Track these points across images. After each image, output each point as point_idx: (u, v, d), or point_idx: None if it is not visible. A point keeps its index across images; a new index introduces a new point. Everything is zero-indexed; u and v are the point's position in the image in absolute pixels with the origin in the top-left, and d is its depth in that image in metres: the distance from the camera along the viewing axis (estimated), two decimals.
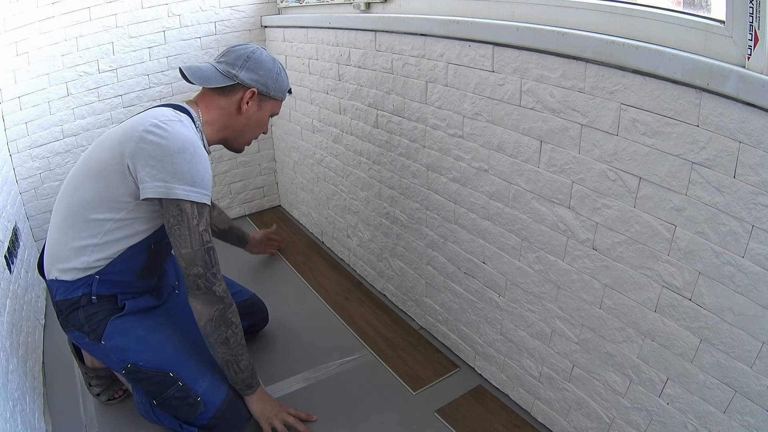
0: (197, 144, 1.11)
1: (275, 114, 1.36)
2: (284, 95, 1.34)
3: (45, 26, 1.81)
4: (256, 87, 1.26)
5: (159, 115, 1.12)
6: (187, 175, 1.07)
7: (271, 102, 1.31)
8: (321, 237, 2.25)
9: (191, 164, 1.08)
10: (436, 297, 1.58)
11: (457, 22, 1.21)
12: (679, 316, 0.91)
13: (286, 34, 2.09)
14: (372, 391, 1.42)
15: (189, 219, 1.09)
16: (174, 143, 1.07)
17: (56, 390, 1.44)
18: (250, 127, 1.31)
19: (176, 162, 1.06)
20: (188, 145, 1.08)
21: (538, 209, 1.14)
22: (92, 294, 1.16)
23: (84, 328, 1.18)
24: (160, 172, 1.06)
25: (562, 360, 1.19)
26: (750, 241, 0.77)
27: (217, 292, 1.13)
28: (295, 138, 2.25)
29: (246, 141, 1.35)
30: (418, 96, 1.42)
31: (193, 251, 1.10)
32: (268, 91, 1.28)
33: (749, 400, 0.82)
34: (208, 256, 1.12)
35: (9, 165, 1.86)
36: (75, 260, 1.15)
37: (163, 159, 1.06)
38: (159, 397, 1.19)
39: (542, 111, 1.07)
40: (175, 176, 1.06)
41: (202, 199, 1.10)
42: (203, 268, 1.11)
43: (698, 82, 0.78)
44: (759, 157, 0.74)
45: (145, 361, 1.17)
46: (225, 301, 1.15)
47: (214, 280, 1.13)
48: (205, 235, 1.11)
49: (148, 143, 1.07)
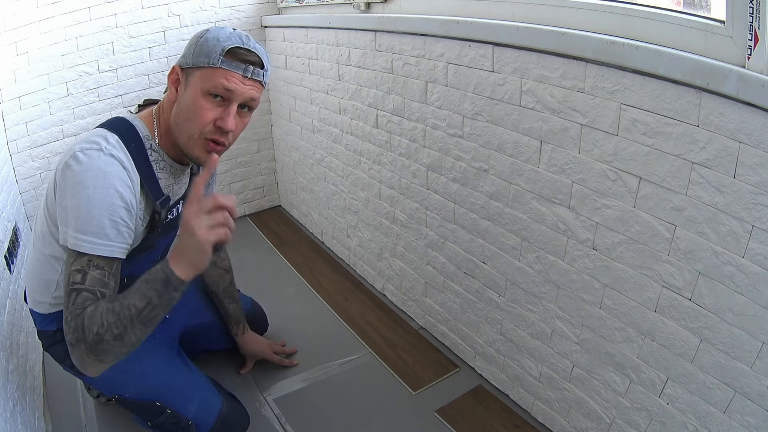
0: (103, 180, 0.90)
1: (217, 87, 0.95)
2: (211, 58, 0.95)
3: (45, 26, 1.81)
4: (178, 62, 1.00)
5: (85, 141, 0.94)
6: (78, 221, 0.89)
7: (197, 73, 0.96)
8: (321, 237, 2.25)
9: (86, 207, 0.89)
10: (436, 297, 1.58)
11: (457, 22, 1.21)
12: (679, 316, 0.91)
13: (286, 34, 2.09)
14: (372, 391, 1.42)
15: (68, 258, 0.92)
16: (77, 180, 0.90)
17: (56, 390, 1.44)
18: (181, 115, 0.99)
19: (73, 205, 0.90)
20: (89, 183, 0.89)
21: (538, 209, 1.14)
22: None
23: (66, 362, 1.14)
24: (63, 212, 0.91)
25: (562, 360, 1.19)
26: (750, 241, 0.77)
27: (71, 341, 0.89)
28: (295, 138, 2.25)
29: (185, 140, 1.00)
30: (418, 96, 1.42)
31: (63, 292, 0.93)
32: (187, 62, 0.97)
33: (749, 400, 0.82)
34: (68, 297, 0.90)
35: (9, 165, 1.86)
36: (45, 293, 1.07)
37: (65, 198, 0.91)
38: (152, 422, 1.19)
39: (542, 111, 1.07)
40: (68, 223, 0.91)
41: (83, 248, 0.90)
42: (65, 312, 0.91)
43: (698, 82, 0.78)
44: (759, 157, 0.74)
45: (130, 392, 1.15)
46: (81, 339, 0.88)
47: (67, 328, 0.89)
48: (74, 275, 0.90)
49: (64, 178, 0.91)
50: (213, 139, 1.00)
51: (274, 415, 1.35)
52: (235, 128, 1.00)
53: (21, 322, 1.41)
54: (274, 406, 1.38)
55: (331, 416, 1.34)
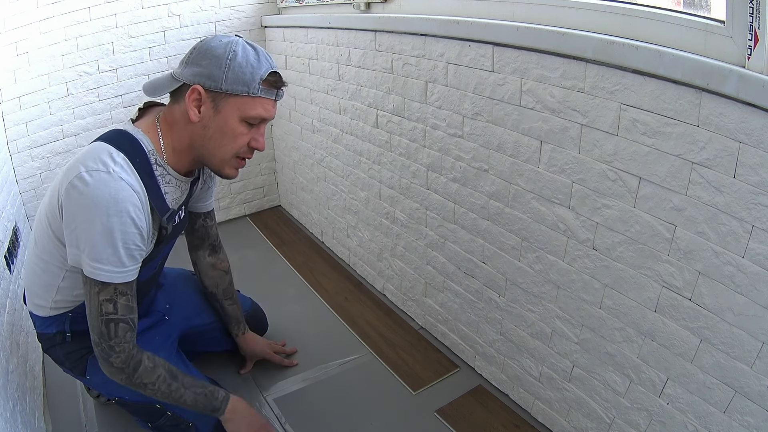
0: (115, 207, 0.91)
1: (254, 118, 0.99)
2: (251, 87, 0.96)
3: (45, 26, 1.81)
4: (200, 82, 0.96)
5: (89, 159, 0.92)
6: (93, 249, 0.91)
7: (233, 100, 0.96)
8: (321, 237, 2.25)
9: (95, 236, 0.91)
10: (436, 297, 1.58)
11: (457, 22, 1.21)
12: (679, 316, 0.91)
13: (286, 34, 2.09)
14: (372, 391, 1.42)
15: (91, 287, 0.96)
16: (88, 207, 0.90)
17: (56, 390, 1.44)
18: (212, 139, 1.00)
19: (85, 231, 0.91)
20: (101, 211, 0.90)
21: (538, 209, 1.14)
22: (66, 332, 1.11)
23: (65, 364, 1.15)
24: (72, 235, 0.93)
25: (562, 360, 1.19)
26: (750, 241, 0.77)
27: (114, 363, 0.99)
28: (295, 138, 2.25)
29: (218, 161, 1.03)
30: (418, 96, 1.42)
31: (90, 318, 0.98)
32: (218, 86, 0.95)
33: (749, 400, 0.82)
34: (106, 327, 0.97)
35: (9, 165, 1.86)
36: (46, 297, 1.07)
37: (75, 222, 0.92)
38: (153, 424, 1.19)
39: (542, 111, 1.07)
40: (80, 248, 0.93)
41: (99, 276, 0.94)
42: (99, 337, 0.98)
43: (698, 82, 0.78)
44: (759, 157, 0.74)
45: (130, 395, 1.13)
46: (126, 371, 1.01)
47: (111, 352, 0.98)
48: (106, 306, 0.96)
49: (70, 200, 0.91)
50: (243, 157, 1.05)
51: (274, 415, 1.35)
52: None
53: (21, 322, 1.41)
54: (274, 406, 1.38)
55: (331, 416, 1.34)
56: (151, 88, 1.02)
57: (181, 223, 1.18)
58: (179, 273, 1.48)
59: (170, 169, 1.04)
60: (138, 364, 1.02)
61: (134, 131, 1.00)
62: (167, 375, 1.07)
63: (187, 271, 1.50)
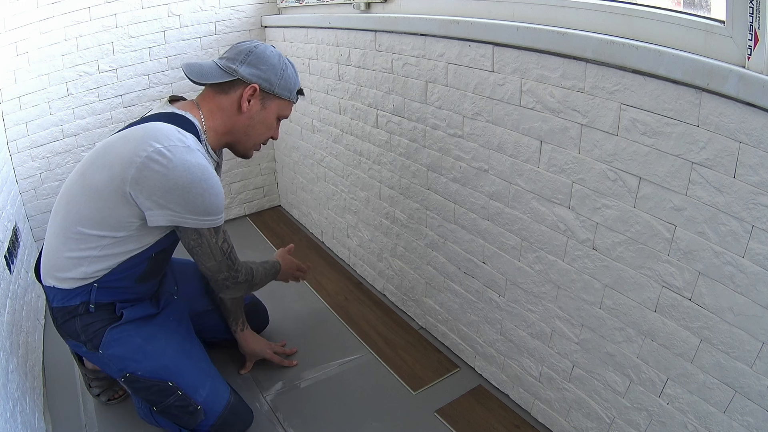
0: (206, 172, 1.07)
1: (284, 117, 1.26)
2: (292, 95, 1.23)
3: (45, 26, 1.81)
4: (258, 83, 1.16)
5: (162, 137, 1.05)
6: (200, 207, 1.07)
7: (277, 101, 1.21)
8: (321, 237, 2.25)
9: (203, 197, 1.07)
10: (436, 297, 1.58)
11: (457, 22, 1.21)
12: (679, 316, 0.91)
13: (286, 34, 2.09)
14: (372, 391, 1.42)
15: (208, 239, 1.14)
16: (181, 177, 1.03)
17: (56, 390, 1.44)
18: (255, 128, 1.22)
19: (186, 197, 1.05)
20: (197, 178, 1.05)
21: (538, 209, 1.14)
22: (90, 302, 1.14)
23: (81, 337, 1.16)
24: (169, 203, 1.05)
25: (562, 360, 1.19)
26: (750, 241, 0.77)
27: (239, 279, 1.25)
28: (295, 138, 2.25)
29: (252, 145, 1.26)
30: (418, 96, 1.42)
31: (217, 263, 1.18)
32: (271, 88, 1.18)
33: (749, 400, 0.82)
34: (230, 260, 1.20)
35: (9, 165, 1.86)
36: (73, 270, 1.11)
37: (170, 192, 1.04)
38: (159, 405, 1.18)
39: (542, 111, 1.07)
40: (187, 209, 1.06)
41: (215, 223, 1.12)
42: (228, 271, 1.21)
43: (698, 82, 0.78)
44: (759, 157, 0.74)
45: (143, 370, 1.15)
46: (248, 280, 1.28)
47: (237, 274, 1.23)
48: (224, 246, 1.18)
49: (153, 173, 1.02)
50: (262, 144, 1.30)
51: (274, 415, 1.35)
52: None
53: (21, 322, 1.41)
54: (274, 406, 1.38)
55: (331, 416, 1.34)
56: (198, 73, 1.16)
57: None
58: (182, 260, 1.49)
59: (209, 146, 1.19)
60: (250, 271, 1.29)
61: (184, 113, 1.14)
62: (255, 267, 1.34)
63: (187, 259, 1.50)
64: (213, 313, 1.48)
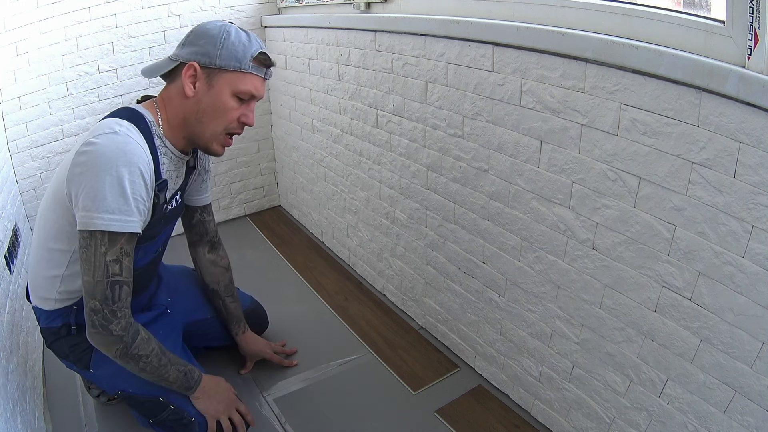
0: (124, 158, 0.93)
1: (243, 93, 1.05)
2: (242, 63, 1.02)
3: (45, 26, 1.81)
4: (196, 59, 1.02)
5: (96, 130, 0.97)
6: (104, 201, 0.92)
7: (225, 76, 1.02)
8: (321, 237, 2.25)
9: (102, 182, 0.92)
10: (436, 297, 1.58)
11: (457, 22, 1.21)
12: (679, 316, 0.91)
13: (286, 34, 2.09)
14: (372, 391, 1.42)
15: (96, 246, 0.94)
16: (96, 162, 0.92)
17: (56, 390, 1.44)
18: (206, 113, 1.05)
19: (94, 185, 0.92)
20: (110, 163, 0.92)
21: (538, 209, 1.14)
22: (72, 325, 1.12)
23: (69, 357, 1.15)
24: (81, 196, 0.94)
25: (562, 360, 1.19)
26: (750, 241, 0.77)
27: (114, 331, 0.99)
28: (295, 138, 2.25)
29: (209, 136, 1.08)
30: (418, 96, 1.42)
31: (93, 281, 0.96)
32: (212, 62, 1.01)
33: (749, 400, 0.82)
34: (111, 290, 0.97)
35: (9, 165, 1.86)
36: (51, 290, 1.09)
37: (83, 182, 0.93)
38: (154, 418, 1.19)
39: (542, 111, 1.07)
40: (95, 202, 0.93)
41: (110, 226, 0.94)
42: (101, 303, 0.97)
43: (698, 82, 0.78)
44: (759, 157, 0.74)
45: (134, 388, 1.15)
46: (124, 340, 1.00)
47: (112, 318, 0.98)
48: (113, 266, 0.96)
49: (77, 165, 0.94)
50: (232, 134, 1.10)
51: (274, 415, 1.35)
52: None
53: (21, 322, 1.41)
54: (274, 406, 1.38)
55: (331, 416, 1.34)
56: (149, 70, 1.09)
57: (178, 208, 1.21)
58: (180, 269, 1.50)
59: (167, 142, 1.08)
60: (136, 333, 1.03)
61: (136, 106, 1.07)
62: (158, 349, 1.08)
63: (188, 267, 1.51)
64: (214, 320, 1.47)
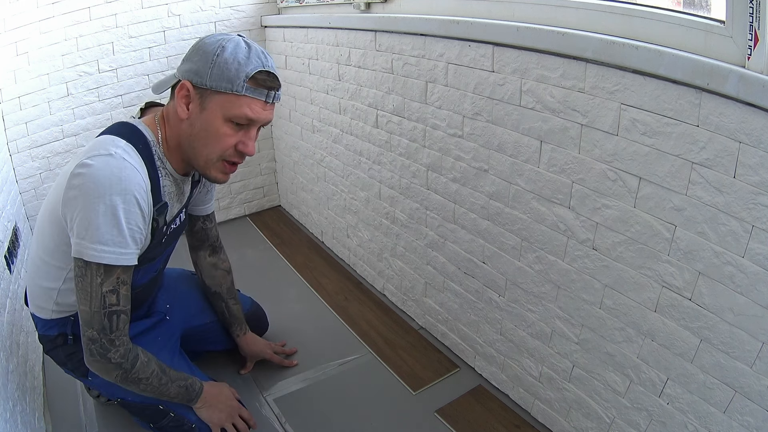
0: (118, 186, 0.88)
1: (237, 118, 0.94)
2: (234, 85, 0.91)
3: (45, 26, 1.81)
4: (189, 78, 0.93)
5: (92, 149, 0.91)
6: (97, 231, 0.88)
7: (217, 98, 0.92)
8: (321, 237, 2.25)
9: (96, 212, 0.87)
10: (436, 297, 1.58)
11: (457, 22, 1.21)
12: (679, 316, 0.91)
13: (286, 34, 2.09)
14: (372, 391, 1.42)
15: (92, 276, 0.91)
16: (90, 189, 0.87)
17: (56, 390, 1.44)
18: (198, 138, 0.96)
19: (88, 214, 0.87)
20: (104, 190, 0.87)
21: (538, 209, 1.14)
22: (68, 334, 1.11)
23: (67, 365, 1.15)
24: (75, 222, 0.89)
25: (562, 360, 1.19)
26: (750, 241, 0.77)
27: (112, 359, 0.97)
28: (295, 138, 2.25)
29: (203, 162, 0.99)
30: (418, 96, 1.42)
31: (90, 311, 0.94)
32: (202, 81, 0.91)
33: (749, 400, 0.82)
34: (108, 320, 0.94)
35: (9, 165, 1.86)
36: (47, 300, 1.07)
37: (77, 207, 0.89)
38: (155, 425, 1.18)
39: (542, 111, 1.07)
40: (88, 231, 0.88)
41: (104, 259, 0.90)
42: (99, 332, 0.94)
43: (698, 82, 0.78)
44: (759, 157, 0.74)
45: (132, 396, 1.13)
46: (123, 366, 0.99)
47: (110, 347, 0.96)
48: (110, 297, 0.93)
49: (72, 189, 0.89)
50: (231, 161, 1.00)
51: (274, 415, 1.35)
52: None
53: (21, 322, 1.41)
54: (274, 406, 1.38)
55: (331, 416, 1.34)
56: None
57: (180, 226, 1.18)
58: (180, 273, 1.48)
59: (168, 163, 1.02)
60: (136, 359, 1.01)
61: (135, 122, 1.00)
62: (159, 370, 1.07)
63: (187, 271, 1.50)
64: (213, 325, 1.46)
